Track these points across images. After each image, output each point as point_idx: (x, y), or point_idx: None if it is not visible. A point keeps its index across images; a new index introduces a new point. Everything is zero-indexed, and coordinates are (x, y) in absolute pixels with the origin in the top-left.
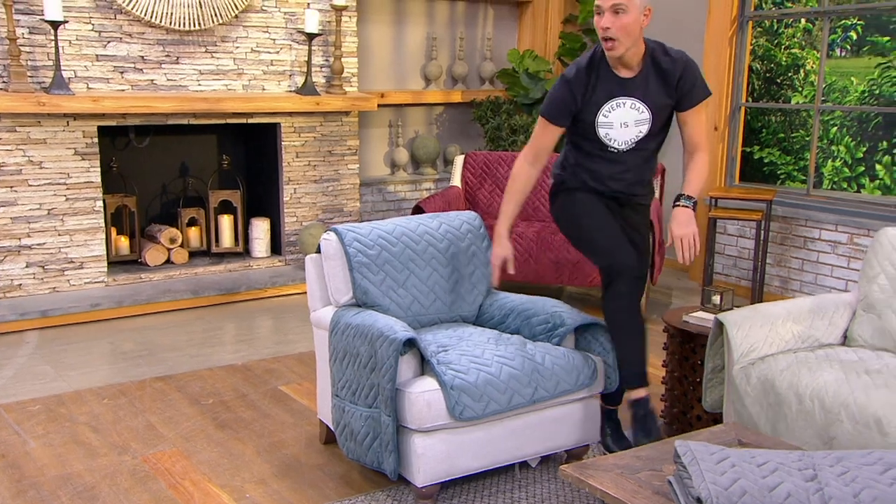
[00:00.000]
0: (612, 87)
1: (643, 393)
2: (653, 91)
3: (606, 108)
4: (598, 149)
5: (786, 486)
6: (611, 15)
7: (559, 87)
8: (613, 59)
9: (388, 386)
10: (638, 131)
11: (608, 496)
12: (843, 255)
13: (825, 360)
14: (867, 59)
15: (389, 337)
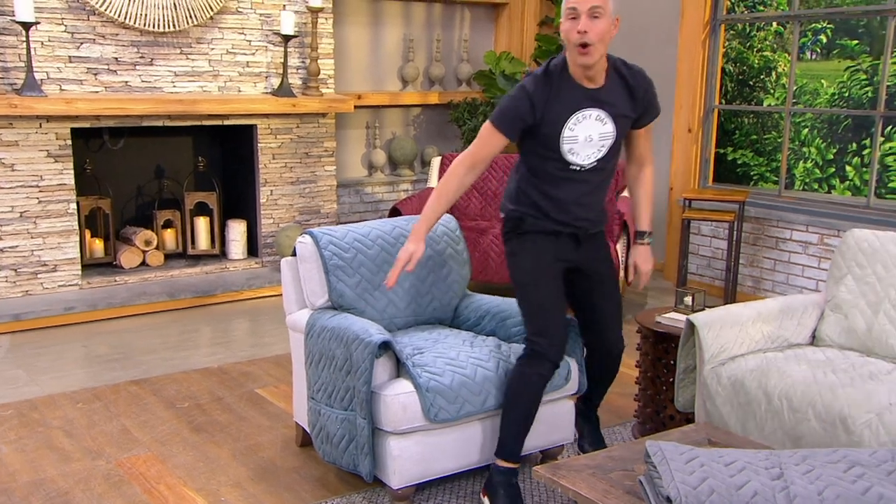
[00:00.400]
0: (577, 98)
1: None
2: (618, 104)
3: (572, 122)
4: (560, 168)
5: (752, 485)
6: (587, 19)
7: (517, 97)
8: (582, 68)
9: (363, 389)
10: (601, 145)
11: (580, 496)
12: (814, 255)
13: (794, 360)
14: (836, 62)
15: (365, 340)
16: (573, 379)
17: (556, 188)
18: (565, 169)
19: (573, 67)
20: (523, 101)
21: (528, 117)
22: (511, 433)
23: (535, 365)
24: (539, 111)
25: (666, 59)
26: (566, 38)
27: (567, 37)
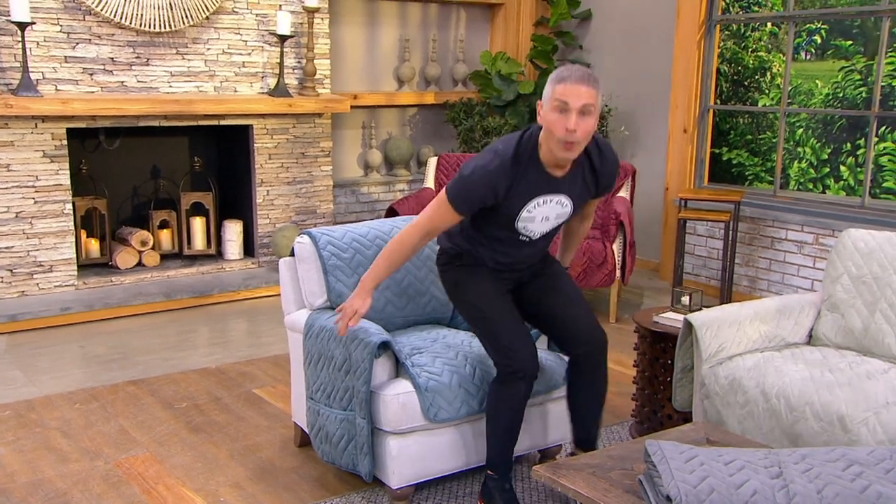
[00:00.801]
0: (541, 184)
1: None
2: (580, 187)
3: (532, 205)
4: (509, 236)
5: (752, 484)
6: (577, 116)
7: (479, 178)
8: (558, 159)
9: (362, 388)
10: (557, 222)
11: (580, 496)
12: (809, 255)
13: (791, 360)
14: (831, 63)
15: (364, 340)
16: None
17: (500, 246)
18: (514, 237)
19: (546, 154)
20: (485, 185)
21: (489, 199)
22: (497, 449)
23: (512, 385)
24: (500, 196)
25: (662, 60)
26: (550, 128)
27: (552, 128)
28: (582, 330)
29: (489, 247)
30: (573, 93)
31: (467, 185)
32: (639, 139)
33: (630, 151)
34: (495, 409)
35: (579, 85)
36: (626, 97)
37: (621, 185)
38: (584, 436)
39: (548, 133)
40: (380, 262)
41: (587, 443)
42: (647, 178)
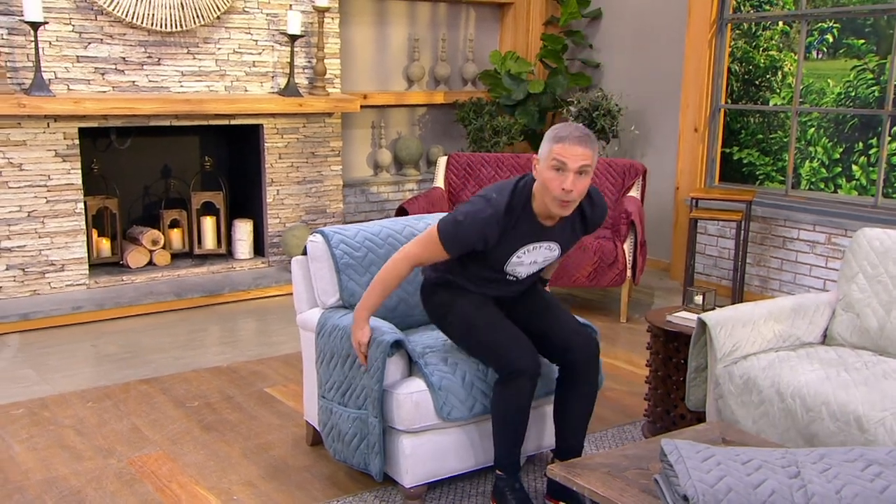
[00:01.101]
0: (532, 234)
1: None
2: (569, 234)
3: (521, 251)
4: (495, 276)
5: (770, 484)
6: (574, 176)
7: (471, 225)
8: (551, 213)
9: (375, 387)
10: (544, 264)
11: (596, 495)
12: (822, 254)
13: (806, 359)
14: (843, 62)
15: (377, 338)
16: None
17: (486, 284)
18: (500, 277)
19: (540, 206)
20: (477, 235)
21: (479, 245)
22: (505, 449)
23: (515, 384)
24: (491, 244)
25: (672, 59)
26: (547, 185)
27: (548, 185)
28: (573, 336)
29: (475, 283)
30: (571, 153)
31: (459, 229)
32: (649, 138)
33: (640, 151)
34: (500, 410)
35: (577, 146)
36: (636, 96)
37: (632, 184)
38: (571, 444)
39: (543, 189)
40: (372, 293)
41: (571, 452)
42: (657, 177)
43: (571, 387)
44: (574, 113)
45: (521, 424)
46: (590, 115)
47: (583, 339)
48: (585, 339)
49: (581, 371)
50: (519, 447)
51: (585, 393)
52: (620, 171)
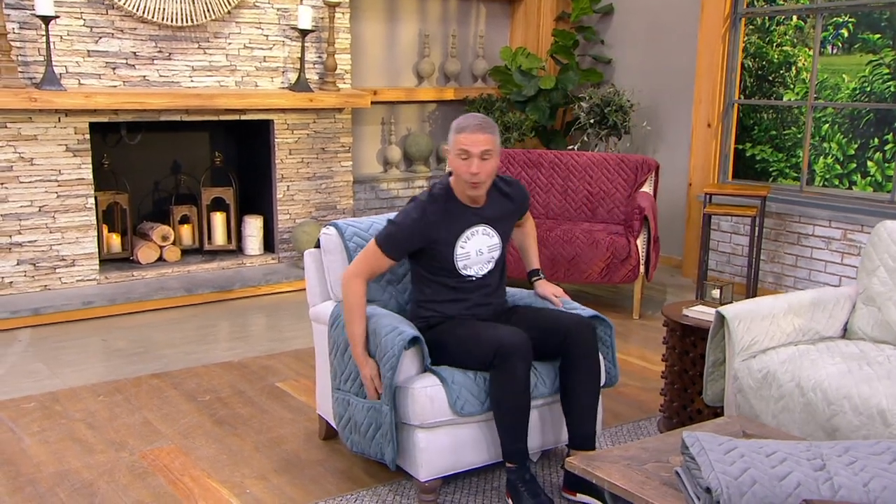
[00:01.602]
0: (463, 217)
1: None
2: (499, 215)
3: (462, 240)
4: (457, 281)
5: (795, 476)
6: (479, 160)
7: (405, 224)
8: (469, 197)
9: (388, 374)
10: (490, 256)
11: (616, 487)
12: (837, 250)
13: (826, 353)
14: (858, 57)
15: (397, 329)
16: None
17: (455, 294)
18: (462, 281)
19: (460, 194)
20: (411, 229)
21: (418, 242)
22: (510, 437)
23: (507, 367)
24: (428, 235)
25: (686, 54)
26: (457, 173)
27: (458, 172)
28: (566, 320)
29: (446, 298)
30: (472, 141)
31: (393, 231)
32: (661, 134)
33: (652, 147)
34: (498, 395)
35: (477, 133)
36: (648, 92)
37: (644, 179)
38: (582, 432)
39: (455, 177)
40: (351, 325)
41: (585, 440)
42: (670, 174)
43: (574, 373)
44: (585, 109)
45: (521, 410)
46: (601, 111)
47: (576, 321)
48: (578, 321)
49: (580, 354)
50: (524, 435)
51: (588, 376)
52: (633, 167)
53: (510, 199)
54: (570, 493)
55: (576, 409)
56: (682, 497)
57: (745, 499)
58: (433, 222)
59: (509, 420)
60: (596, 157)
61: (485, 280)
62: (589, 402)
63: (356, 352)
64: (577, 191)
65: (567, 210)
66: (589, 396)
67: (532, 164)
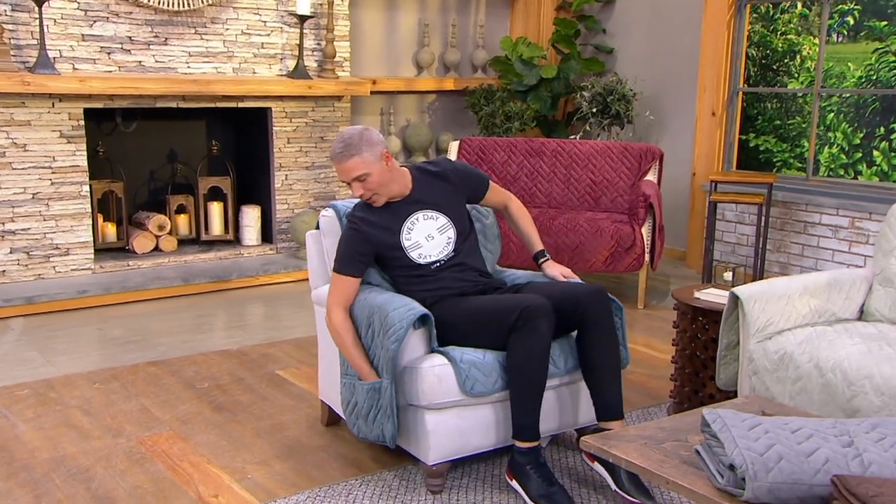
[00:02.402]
0: (398, 212)
1: (535, 443)
2: (434, 194)
3: (405, 232)
4: (424, 270)
5: (823, 452)
6: (358, 184)
7: (346, 239)
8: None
9: (393, 346)
10: (446, 238)
11: (633, 465)
12: (845, 239)
13: (844, 334)
14: (864, 45)
15: (407, 305)
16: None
17: (430, 283)
18: (429, 271)
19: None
20: (353, 242)
21: (367, 250)
22: (525, 409)
23: (530, 328)
24: (372, 241)
25: (688, 42)
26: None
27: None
28: (578, 290)
29: (424, 288)
30: (342, 170)
31: (341, 252)
32: (664, 124)
33: (655, 137)
34: (518, 359)
35: (342, 163)
36: (650, 81)
37: (649, 168)
38: (609, 401)
39: None
40: (350, 355)
41: (613, 409)
42: (673, 164)
43: (590, 335)
44: (588, 98)
45: (542, 378)
46: (604, 100)
47: (590, 290)
48: (593, 289)
49: (598, 320)
50: (538, 411)
51: (609, 340)
52: (637, 156)
53: (441, 178)
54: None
55: (604, 378)
56: (703, 475)
57: (772, 475)
58: (368, 228)
59: (528, 388)
60: (599, 145)
61: (452, 261)
62: (613, 367)
63: (363, 371)
64: (579, 180)
65: (570, 199)
66: (613, 361)
67: (534, 152)
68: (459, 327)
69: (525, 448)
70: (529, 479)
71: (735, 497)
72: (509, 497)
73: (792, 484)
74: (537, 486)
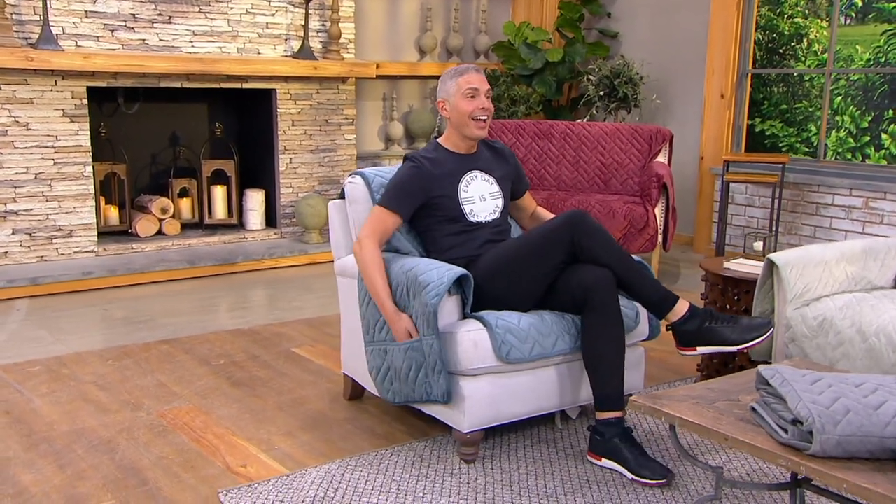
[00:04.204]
0: (461, 163)
1: (621, 413)
2: (493, 165)
3: (464, 184)
4: (466, 226)
5: (892, 405)
6: (486, 99)
7: (405, 178)
8: (470, 140)
9: (433, 301)
10: (494, 204)
11: (688, 424)
12: (858, 219)
13: (885, 299)
14: (873, 27)
15: (444, 266)
16: (642, 321)
17: (468, 237)
18: (470, 225)
19: (457, 141)
20: (411, 183)
21: (419, 195)
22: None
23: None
24: (429, 186)
25: (695, 25)
26: (466, 111)
27: (467, 111)
28: (584, 272)
29: (461, 246)
30: (478, 80)
31: (395, 187)
32: (670, 108)
33: (661, 121)
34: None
35: (479, 74)
36: (657, 65)
37: (659, 149)
38: (609, 392)
39: (460, 119)
40: (374, 285)
41: (613, 401)
42: (680, 148)
43: (594, 319)
44: (595, 81)
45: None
46: (611, 83)
47: (594, 272)
48: (596, 272)
49: (604, 305)
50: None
51: (612, 329)
52: (647, 137)
53: (501, 155)
54: (594, 457)
55: (606, 366)
56: (762, 431)
57: (840, 427)
58: (431, 172)
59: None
60: (608, 127)
61: (493, 223)
62: (617, 357)
63: (386, 307)
64: (589, 162)
65: (579, 181)
66: (617, 351)
67: (543, 135)
68: (500, 273)
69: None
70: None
71: (801, 451)
72: (543, 465)
73: (862, 437)
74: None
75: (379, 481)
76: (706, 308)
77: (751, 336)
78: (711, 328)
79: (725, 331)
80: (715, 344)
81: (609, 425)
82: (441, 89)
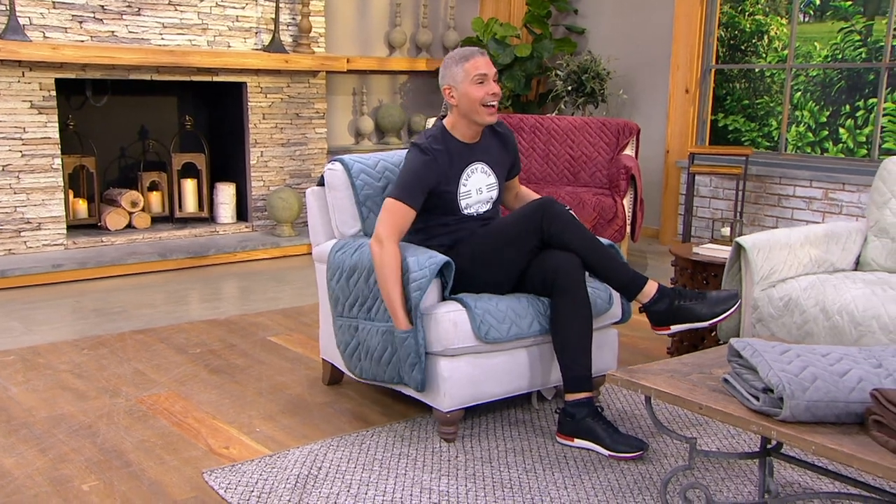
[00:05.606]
0: (465, 153)
1: (591, 393)
2: (494, 155)
3: (464, 178)
4: (457, 219)
5: (856, 372)
6: (494, 83)
7: (418, 168)
8: (479, 126)
9: (415, 294)
10: (489, 196)
11: (664, 395)
12: (818, 210)
13: (847, 280)
14: (830, 24)
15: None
16: (615, 304)
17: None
18: (460, 217)
19: (464, 129)
20: (424, 172)
21: (430, 183)
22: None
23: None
24: (438, 175)
25: (661, 22)
26: (475, 98)
27: (477, 97)
28: (552, 257)
29: (447, 234)
30: (485, 64)
31: (410, 179)
32: (636, 104)
33: (627, 116)
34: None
35: (485, 58)
36: (623, 60)
37: (626, 143)
38: (577, 373)
39: (470, 106)
40: (388, 287)
41: (582, 381)
42: (645, 143)
43: (564, 309)
44: (562, 76)
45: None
46: (578, 78)
47: (561, 256)
48: (566, 259)
49: (570, 287)
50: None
51: (579, 310)
52: (615, 131)
53: (503, 140)
54: (566, 439)
55: (576, 347)
56: (735, 401)
57: (808, 393)
58: (441, 161)
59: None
60: (577, 121)
61: (483, 215)
62: (585, 338)
63: (399, 316)
64: (558, 155)
65: (549, 174)
66: (585, 332)
67: (513, 128)
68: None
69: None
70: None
71: (772, 417)
72: (522, 444)
73: (829, 402)
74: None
75: (361, 460)
76: (674, 287)
77: (720, 309)
78: (682, 306)
79: (696, 307)
80: (688, 321)
81: (580, 405)
82: (446, 75)
